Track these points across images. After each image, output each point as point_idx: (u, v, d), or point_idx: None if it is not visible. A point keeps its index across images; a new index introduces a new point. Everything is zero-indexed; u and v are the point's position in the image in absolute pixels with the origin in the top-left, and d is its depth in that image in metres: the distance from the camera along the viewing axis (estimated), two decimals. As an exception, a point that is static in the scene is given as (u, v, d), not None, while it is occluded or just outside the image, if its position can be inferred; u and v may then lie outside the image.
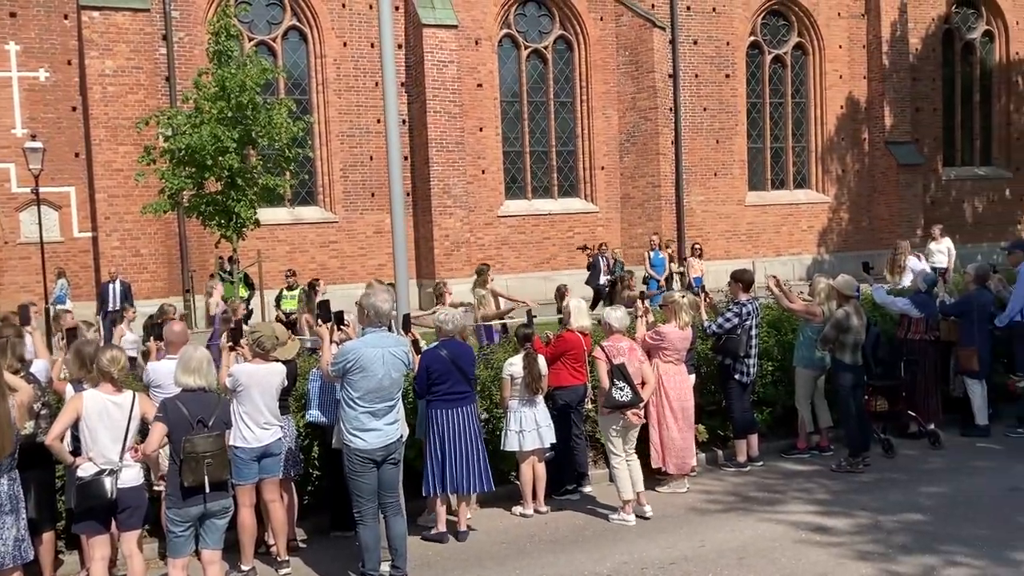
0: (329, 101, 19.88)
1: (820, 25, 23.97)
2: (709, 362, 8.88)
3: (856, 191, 24.71)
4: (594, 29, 21.81)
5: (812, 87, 24.37)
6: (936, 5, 25.20)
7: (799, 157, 24.63)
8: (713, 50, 22.85)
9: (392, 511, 6.16)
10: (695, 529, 7.05)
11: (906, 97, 24.49)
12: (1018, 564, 6.06)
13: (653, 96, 21.78)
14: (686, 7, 22.44)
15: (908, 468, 8.45)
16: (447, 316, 7.11)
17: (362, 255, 20.19)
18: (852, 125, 24.56)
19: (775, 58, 24.04)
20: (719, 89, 22.99)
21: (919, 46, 24.90)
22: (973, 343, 9.24)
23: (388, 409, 6.05)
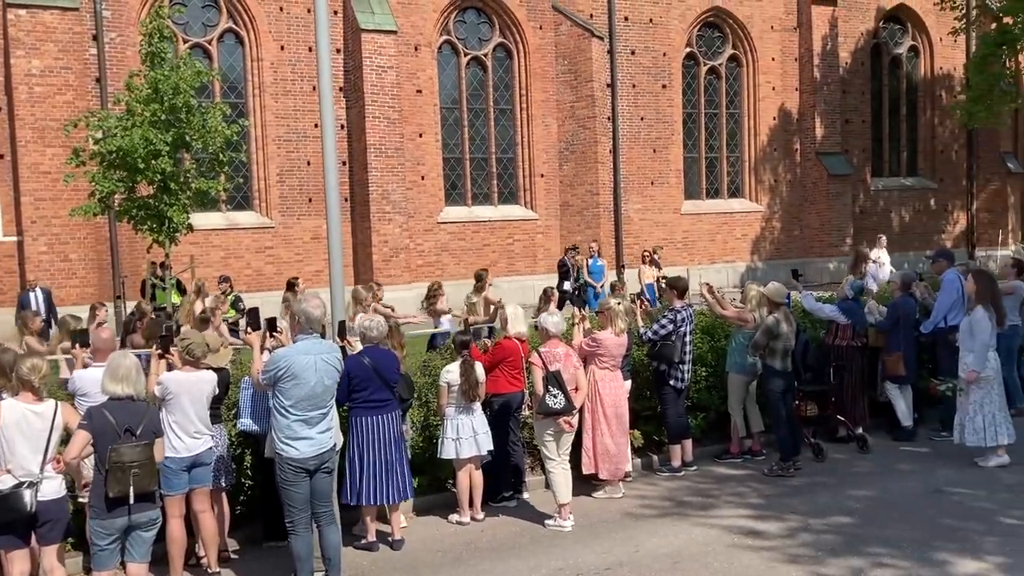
0: (266, 105, 19.61)
1: (754, 38, 24.47)
2: (645, 368, 8.98)
3: (788, 200, 25.25)
4: (533, 38, 21.93)
5: (746, 98, 24.84)
6: (865, 20, 25.92)
7: (733, 167, 25.08)
8: (650, 61, 23.15)
9: (326, 521, 6.09)
10: (630, 534, 7.11)
11: (836, 109, 25.12)
12: (941, 564, 6.24)
13: (592, 105, 21.96)
14: (624, 17, 22.70)
15: (837, 472, 8.64)
16: (371, 323, 7.06)
17: (299, 261, 19.93)
18: (784, 136, 25.10)
19: (710, 69, 24.46)
20: (656, 99, 23.30)
21: (849, 60, 25.58)
22: (899, 349, 9.51)
23: (321, 417, 5.98)
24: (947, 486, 8.04)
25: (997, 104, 23.21)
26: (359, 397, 6.81)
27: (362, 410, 6.81)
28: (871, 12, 25.98)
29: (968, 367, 8.49)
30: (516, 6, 21.65)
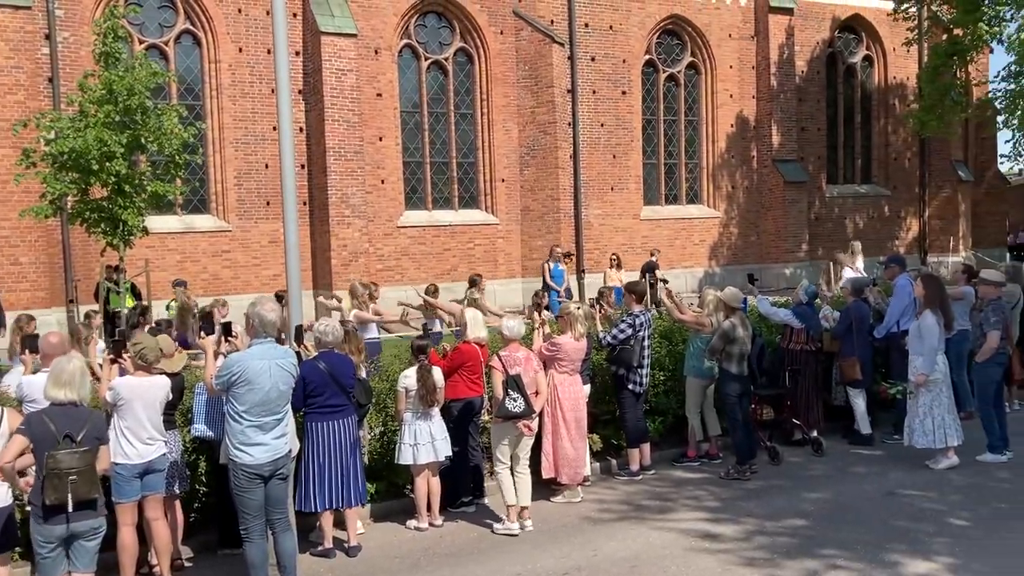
0: (223, 107, 19.39)
1: (712, 46, 24.73)
2: (604, 372, 9.02)
3: (745, 207, 25.54)
4: (494, 42, 21.96)
5: (704, 105, 25.09)
6: (820, 30, 26.34)
7: (691, 173, 25.31)
8: (610, 67, 23.29)
9: (281, 527, 6.02)
10: (588, 538, 7.12)
11: (792, 117, 25.48)
12: (893, 566, 6.34)
13: (552, 111, 22.03)
14: (584, 24, 22.82)
15: (793, 475, 8.75)
16: (326, 327, 7.00)
17: (256, 265, 19.73)
18: (742, 143, 25.39)
19: (669, 76, 24.67)
20: (616, 105, 23.44)
21: (805, 68, 25.97)
22: (853, 353, 9.65)
23: (276, 423, 5.91)
24: (899, 488, 8.17)
25: (948, 114, 23.71)
26: (315, 402, 6.77)
27: (318, 415, 6.76)
28: (826, 22, 26.41)
29: (917, 370, 8.66)
30: (477, 11, 21.66)
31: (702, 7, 24.44)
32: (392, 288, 20.70)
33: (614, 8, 23.21)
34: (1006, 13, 22.37)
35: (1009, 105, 23.09)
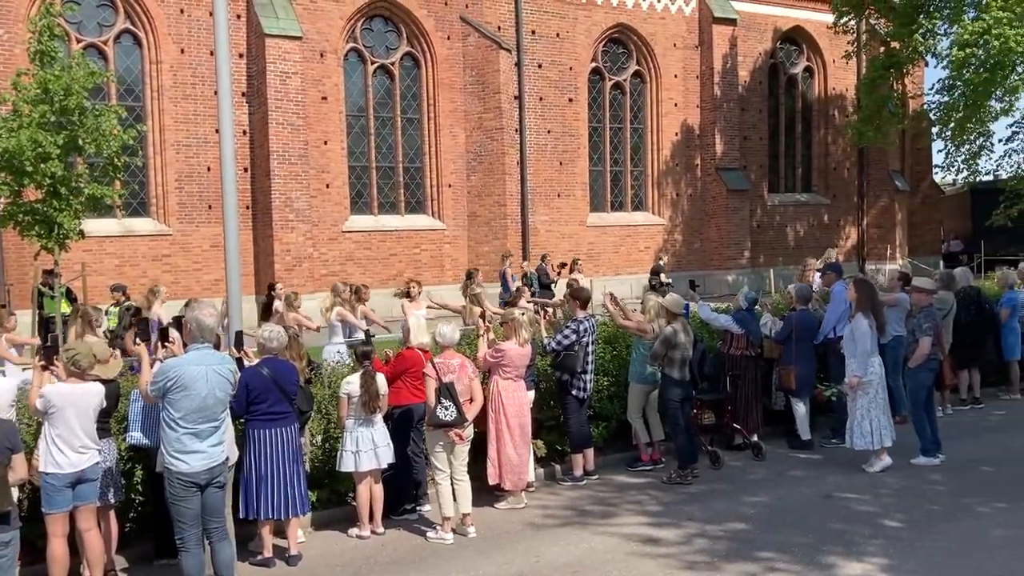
0: (165, 109, 19.07)
1: (657, 55, 25.03)
2: (548, 378, 9.04)
3: (689, 214, 25.87)
4: (441, 48, 21.94)
5: (649, 114, 25.38)
6: (763, 41, 26.83)
7: (637, 180, 25.57)
8: (557, 74, 23.43)
9: (218, 536, 5.91)
10: (531, 545, 7.13)
11: (735, 126, 25.90)
12: (828, 567, 6.45)
13: (499, 117, 22.08)
14: (531, 31, 22.93)
15: (733, 479, 8.86)
16: (271, 333, 6.91)
17: (197, 270, 19.42)
18: (686, 151, 25.73)
19: (615, 84, 24.91)
20: (562, 112, 23.58)
21: (747, 78, 26.42)
22: (791, 362, 9.80)
23: (213, 430, 5.81)
24: (836, 491, 8.32)
25: (885, 125, 24.30)
26: (258, 409, 6.66)
27: (260, 423, 6.66)
28: (768, 33, 26.92)
29: (852, 372, 8.85)
30: (424, 16, 21.63)
31: (647, 17, 24.74)
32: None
33: (561, 16, 23.37)
34: (940, 28, 23.04)
35: (943, 117, 23.75)
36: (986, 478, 8.66)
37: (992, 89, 21.64)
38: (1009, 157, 25.93)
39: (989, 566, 6.36)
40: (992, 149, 24.96)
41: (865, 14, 25.06)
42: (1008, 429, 10.71)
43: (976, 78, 21.36)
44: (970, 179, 26.32)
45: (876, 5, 24.47)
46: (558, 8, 23.32)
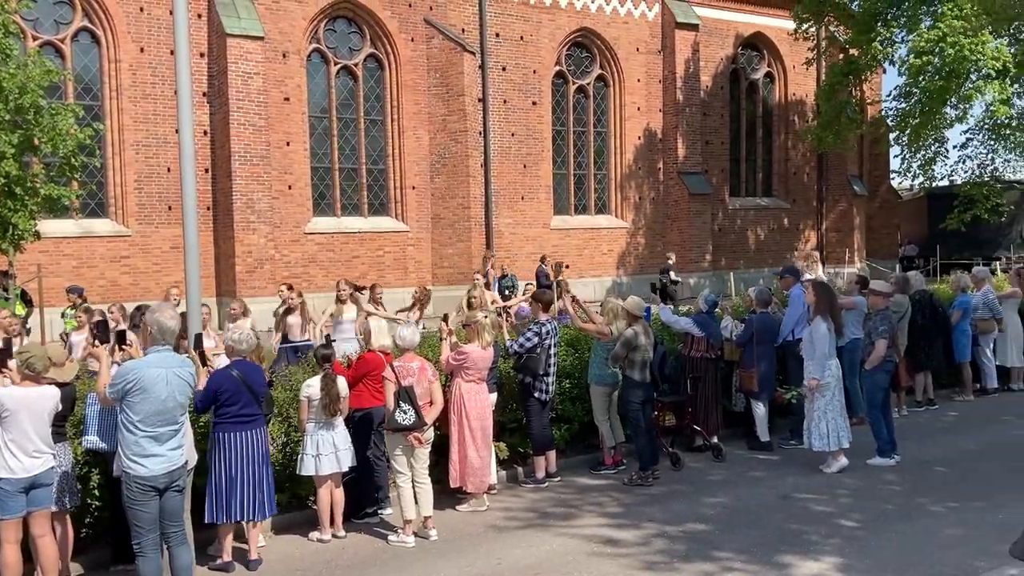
0: (124, 108, 18.81)
1: (620, 59, 25.19)
2: (511, 381, 9.06)
3: (652, 217, 26.06)
4: (405, 49, 21.88)
5: (612, 117, 25.53)
6: (724, 46, 27.13)
7: (600, 184, 25.71)
8: (521, 77, 23.48)
9: (176, 541, 5.85)
10: (492, 547, 7.14)
11: (697, 130, 26.14)
12: (785, 567, 6.54)
13: (463, 119, 22.07)
14: (495, 34, 22.96)
15: (693, 480, 8.94)
16: (240, 336, 6.87)
17: (157, 271, 19.17)
18: (649, 155, 25.92)
19: (579, 88, 25.02)
20: (526, 115, 23.64)
21: (709, 83, 26.69)
22: (753, 364, 9.92)
23: (172, 433, 5.75)
24: (794, 492, 8.44)
25: (844, 130, 24.70)
26: (228, 412, 6.59)
27: (230, 426, 6.59)
28: (730, 38, 27.22)
29: (810, 375, 8.98)
30: (388, 18, 21.57)
31: (611, 21, 24.89)
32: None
33: (525, 19, 23.44)
34: (897, 35, 23.49)
35: (900, 123, 24.21)
36: (939, 478, 8.83)
37: (947, 96, 22.11)
38: (963, 163, 26.52)
39: (942, 564, 6.49)
40: (947, 155, 25.52)
41: (825, 21, 25.46)
42: (961, 430, 10.93)
43: (932, 85, 21.82)
44: (926, 184, 26.83)
45: (836, 13, 24.88)
46: (522, 11, 23.39)
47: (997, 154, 26.65)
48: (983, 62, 20.85)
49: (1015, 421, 11.33)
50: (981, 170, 26.33)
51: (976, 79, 21.77)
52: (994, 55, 20.83)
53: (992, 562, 6.34)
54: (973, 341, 12.73)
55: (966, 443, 10.23)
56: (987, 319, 12.75)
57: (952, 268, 20.42)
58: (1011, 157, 29.30)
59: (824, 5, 24.21)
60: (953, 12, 20.18)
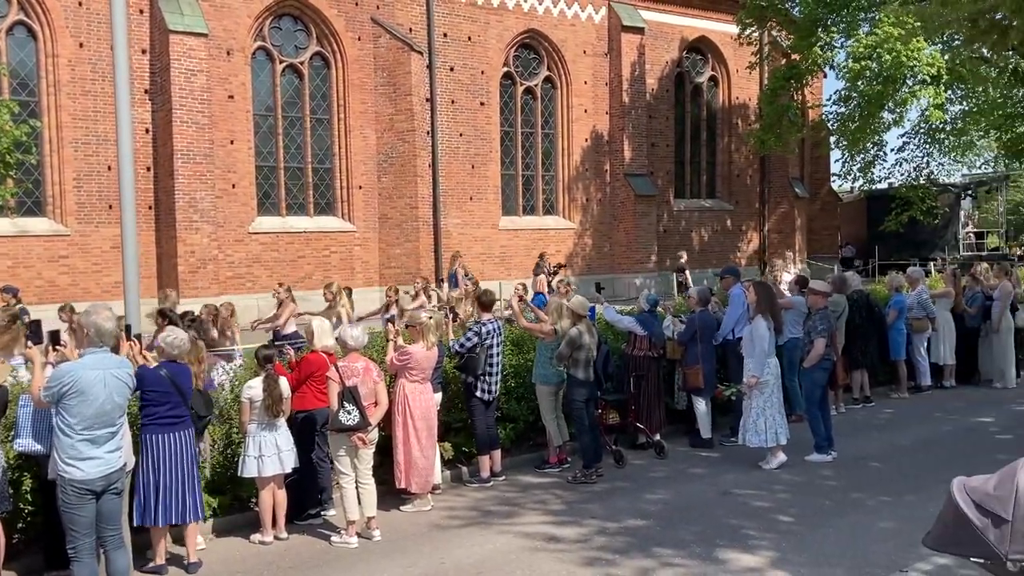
0: (62, 105, 18.39)
1: (568, 61, 25.35)
2: (456, 380, 9.08)
3: (598, 218, 26.26)
4: (352, 48, 21.75)
5: (560, 119, 25.67)
6: (669, 50, 27.45)
7: (548, 185, 25.83)
8: (468, 78, 23.50)
9: (113, 545, 5.76)
10: (436, 546, 7.15)
11: (643, 133, 26.41)
12: (723, 562, 6.66)
13: (411, 119, 22.02)
14: (443, 34, 22.94)
15: (636, 477, 9.05)
16: (174, 339, 6.76)
17: (97, 271, 18.79)
18: (596, 157, 26.11)
19: (526, 89, 25.12)
20: (474, 116, 23.66)
21: (655, 86, 26.98)
22: (698, 362, 10.08)
23: (110, 435, 5.66)
24: (734, 488, 8.59)
25: (785, 133, 25.15)
26: (156, 412, 6.50)
27: (157, 427, 6.50)
28: (675, 42, 27.55)
29: (750, 372, 9.15)
30: (334, 16, 21.42)
31: (558, 23, 25.03)
32: (242, 296, 20.16)
33: (472, 20, 23.45)
34: (837, 41, 23.99)
35: (840, 127, 24.73)
36: (874, 473, 9.06)
37: (884, 101, 22.64)
38: (900, 166, 27.19)
39: (875, 557, 6.67)
40: (885, 158, 26.15)
41: (768, 26, 25.89)
42: (895, 426, 11.23)
43: (870, 90, 22.32)
44: (865, 187, 27.45)
45: (778, 18, 25.32)
46: (469, 12, 23.41)
47: (932, 157, 27.42)
48: (918, 68, 21.42)
49: (947, 417, 11.68)
50: (917, 173, 27.03)
51: (912, 84, 22.35)
52: (929, 61, 21.41)
53: (920, 554, 6.52)
54: (908, 340, 13.09)
55: (900, 439, 10.52)
56: (921, 318, 13.12)
57: (889, 269, 20.93)
58: (945, 160, 30.25)
59: (767, 10, 24.63)
60: (890, 19, 20.68)
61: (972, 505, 2.63)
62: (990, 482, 2.66)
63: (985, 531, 2.56)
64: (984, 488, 2.63)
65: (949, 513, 2.69)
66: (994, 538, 2.56)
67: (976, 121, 25.36)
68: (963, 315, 13.72)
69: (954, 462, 9.11)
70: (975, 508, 2.62)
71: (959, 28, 12.61)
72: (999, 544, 2.54)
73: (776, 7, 24.67)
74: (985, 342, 13.84)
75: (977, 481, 2.70)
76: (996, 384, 13.58)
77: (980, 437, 10.57)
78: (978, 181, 38.31)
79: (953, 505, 2.66)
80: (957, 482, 2.72)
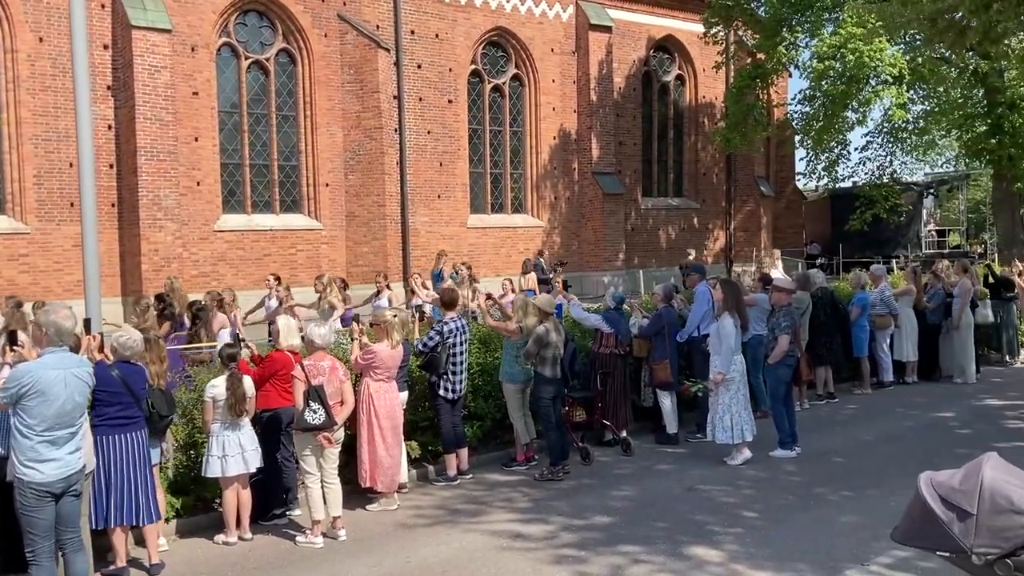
0: (21, 100, 18.06)
1: (536, 59, 25.36)
2: (422, 379, 9.06)
3: (567, 216, 26.32)
4: (318, 45, 21.60)
5: (528, 117, 25.68)
6: (636, 48, 27.56)
7: (516, 183, 25.84)
8: (436, 75, 23.43)
9: (72, 548, 5.67)
10: (402, 545, 7.13)
11: (611, 131, 26.49)
12: (689, 558, 6.71)
13: (378, 116, 21.90)
14: (410, 31, 22.85)
15: (602, 474, 9.09)
16: (127, 339, 6.66)
17: (58, 270, 18.49)
18: (564, 155, 26.16)
19: (494, 87, 25.09)
20: (442, 114, 23.60)
21: (622, 85, 27.08)
22: (665, 356, 10.15)
23: (70, 436, 5.58)
24: (699, 484, 8.66)
25: (751, 132, 25.35)
26: (106, 413, 6.40)
27: (109, 428, 6.39)
28: (642, 41, 27.67)
29: (716, 369, 9.23)
30: (300, 12, 21.25)
31: (526, 21, 25.03)
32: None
33: (440, 17, 23.38)
34: (802, 41, 24.23)
35: (804, 126, 24.98)
36: (837, 469, 9.17)
37: (848, 100, 22.90)
38: (864, 165, 27.52)
39: (836, 550, 6.75)
40: (849, 157, 26.45)
41: (733, 26, 26.08)
42: (858, 422, 11.38)
43: (834, 89, 22.56)
44: (830, 185, 27.75)
45: (744, 17, 25.51)
46: (437, 9, 23.33)
47: (895, 156, 27.77)
48: (881, 68, 21.69)
49: (908, 413, 11.86)
50: (881, 172, 27.37)
51: (875, 84, 22.62)
52: (891, 62, 21.69)
53: (882, 547, 6.62)
54: (871, 336, 13.26)
55: (863, 434, 10.66)
56: (884, 315, 13.30)
57: (853, 266, 21.19)
58: (908, 159, 30.67)
59: (733, 10, 24.81)
60: (853, 19, 20.93)
61: (938, 500, 2.67)
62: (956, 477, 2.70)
63: (951, 525, 2.60)
64: (950, 483, 2.66)
65: (916, 508, 2.73)
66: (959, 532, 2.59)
67: (937, 121, 25.73)
68: (924, 312, 13.92)
69: (916, 457, 9.24)
70: (941, 502, 2.65)
71: (919, 28, 12.80)
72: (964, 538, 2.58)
73: (742, 7, 24.86)
74: (946, 339, 14.06)
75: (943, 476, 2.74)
76: (957, 380, 13.81)
77: (941, 432, 10.74)
78: (940, 180, 38.90)
79: (920, 500, 2.69)
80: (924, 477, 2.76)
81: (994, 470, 2.83)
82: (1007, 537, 2.80)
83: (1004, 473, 2.90)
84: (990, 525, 2.69)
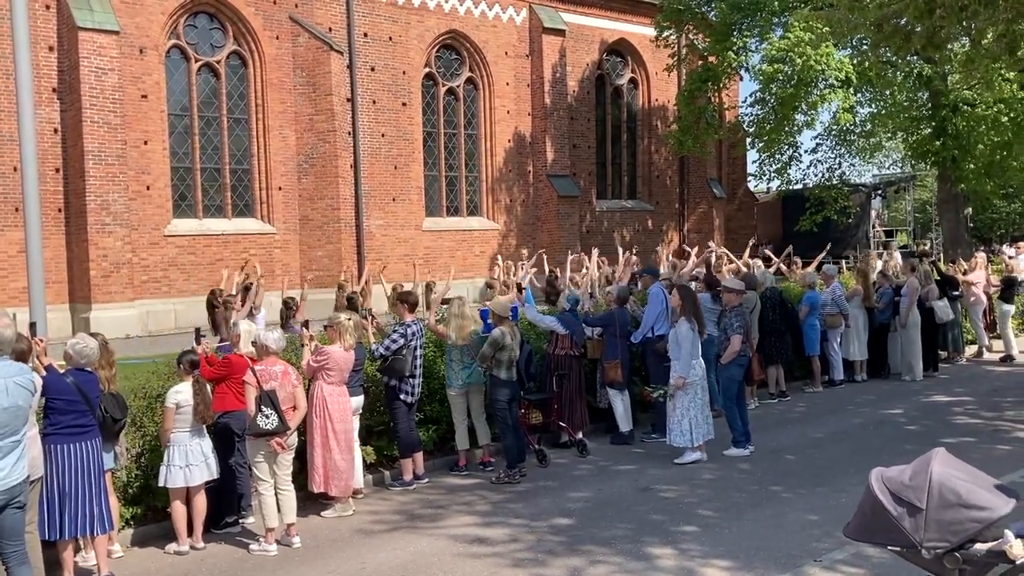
0: (-38, 103, 17.63)
1: (489, 62, 25.38)
2: (377, 383, 9.00)
3: (522, 219, 26.36)
4: (270, 47, 21.38)
5: (483, 120, 25.69)
6: (590, 52, 27.71)
7: (472, 186, 25.82)
8: (390, 78, 23.33)
9: (16, 561, 5.52)
10: (358, 551, 7.07)
11: (565, 134, 26.61)
12: (648, 558, 6.74)
13: (331, 119, 21.74)
14: (363, 34, 22.72)
15: (559, 475, 9.11)
16: (81, 347, 6.51)
17: (3, 277, 18.07)
18: (519, 158, 26.20)
19: (449, 90, 25.06)
20: (396, 116, 23.50)
21: (576, 88, 27.22)
22: (616, 356, 10.20)
23: (13, 446, 5.43)
24: (655, 484, 8.71)
25: (703, 135, 25.64)
26: (61, 421, 6.25)
27: (61, 437, 6.24)
28: (596, 44, 27.83)
29: (676, 374, 9.29)
30: (251, 14, 21.02)
31: (479, 24, 25.04)
32: (161, 300, 19.69)
33: (393, 20, 23.30)
34: (751, 44, 24.57)
35: (756, 128, 25.32)
36: (789, 466, 9.29)
37: (797, 103, 23.27)
38: (814, 167, 27.97)
39: (790, 546, 6.84)
40: (800, 159, 26.85)
41: (685, 29, 26.36)
42: (810, 420, 11.55)
43: (783, 92, 22.92)
44: (781, 187, 28.15)
45: (695, 21, 25.80)
46: (390, 12, 23.24)
47: (844, 158, 28.25)
48: (828, 72, 22.07)
49: (858, 410, 12.06)
50: (830, 173, 27.83)
51: (823, 88, 23.01)
52: (837, 66, 22.08)
53: (835, 542, 6.72)
54: (822, 336, 13.46)
55: (814, 431, 10.81)
56: (835, 314, 13.51)
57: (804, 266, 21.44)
58: (856, 161, 31.22)
59: (684, 14, 25.08)
60: (800, 24, 21.27)
61: (889, 495, 2.71)
62: (906, 473, 2.74)
63: (901, 520, 2.64)
64: (900, 479, 2.70)
65: (868, 503, 2.77)
66: (909, 527, 2.63)
67: (884, 123, 26.23)
68: (874, 311, 14.16)
69: (865, 453, 9.39)
70: (892, 498, 2.69)
71: (866, 32, 13.05)
72: (914, 532, 2.62)
73: (693, 11, 25.14)
74: (894, 337, 14.33)
75: (894, 472, 2.78)
76: (905, 377, 14.07)
77: (890, 429, 10.93)
78: (887, 181, 39.65)
79: (871, 496, 2.73)
80: (875, 473, 2.79)
81: (943, 465, 2.89)
82: (955, 531, 2.87)
83: (952, 468, 2.96)
84: (939, 520, 2.75)
